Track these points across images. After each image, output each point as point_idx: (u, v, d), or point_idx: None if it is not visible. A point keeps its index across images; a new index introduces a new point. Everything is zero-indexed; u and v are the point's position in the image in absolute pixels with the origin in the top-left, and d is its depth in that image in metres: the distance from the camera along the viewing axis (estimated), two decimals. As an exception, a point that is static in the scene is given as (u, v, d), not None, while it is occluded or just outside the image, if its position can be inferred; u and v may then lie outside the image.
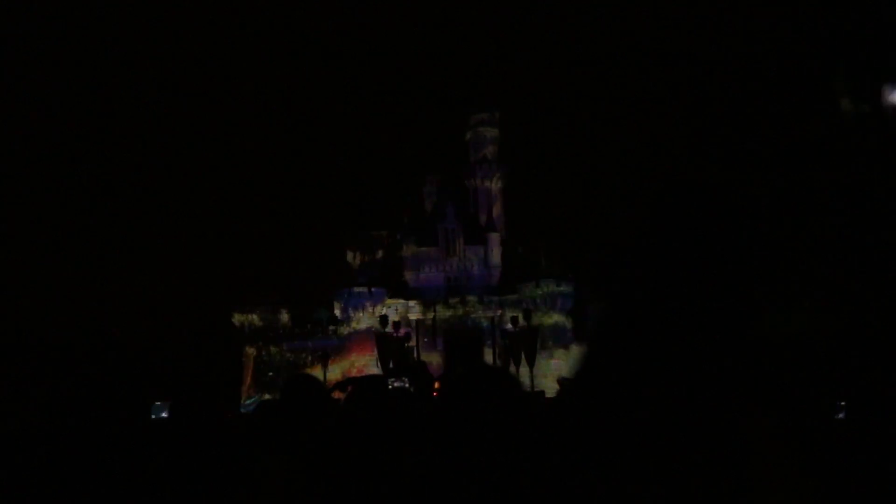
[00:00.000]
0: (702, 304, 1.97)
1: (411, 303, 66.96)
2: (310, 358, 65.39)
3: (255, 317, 66.94)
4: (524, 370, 61.01)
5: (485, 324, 65.42)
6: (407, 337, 64.42)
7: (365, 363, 64.44)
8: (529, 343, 61.14)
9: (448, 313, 65.91)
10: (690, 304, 1.98)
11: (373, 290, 66.23)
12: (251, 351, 66.05)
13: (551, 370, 62.61)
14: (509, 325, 63.56)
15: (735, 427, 1.89)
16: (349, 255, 70.15)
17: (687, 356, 1.93)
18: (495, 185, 72.13)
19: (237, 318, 67.37)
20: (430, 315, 66.13)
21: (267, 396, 59.97)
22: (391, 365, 60.96)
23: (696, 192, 2.13)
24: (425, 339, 65.66)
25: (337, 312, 67.09)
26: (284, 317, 67.37)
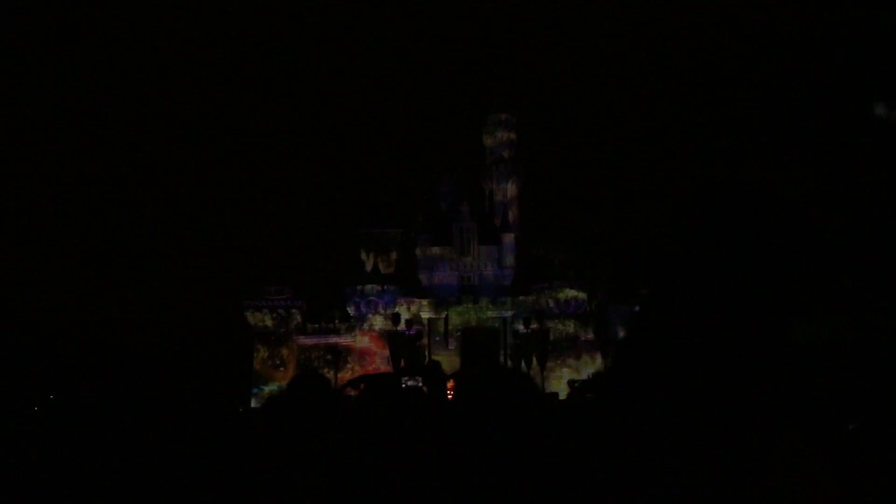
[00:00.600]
0: (733, 310, 1.88)
1: (424, 302, 66.96)
2: (322, 355, 65.55)
3: (267, 314, 67.13)
4: (535, 372, 60.82)
5: (496, 325, 65.29)
6: (419, 336, 64.38)
7: (377, 362, 64.49)
8: (541, 345, 60.96)
9: (460, 318, 65.87)
10: (721, 310, 1.89)
11: (385, 288, 66.25)
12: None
13: (563, 373, 62.41)
14: (521, 327, 63.38)
15: (760, 433, 1.80)
16: (362, 254, 70.19)
17: (716, 362, 1.84)
18: (511, 186, 72.00)
19: (249, 316, 67.58)
20: (443, 314, 66.09)
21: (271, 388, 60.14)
22: (403, 364, 60.98)
23: (727, 199, 2.04)
24: (437, 339, 65.62)
25: (349, 310, 67.17)
26: (296, 314, 67.50)
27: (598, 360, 62.86)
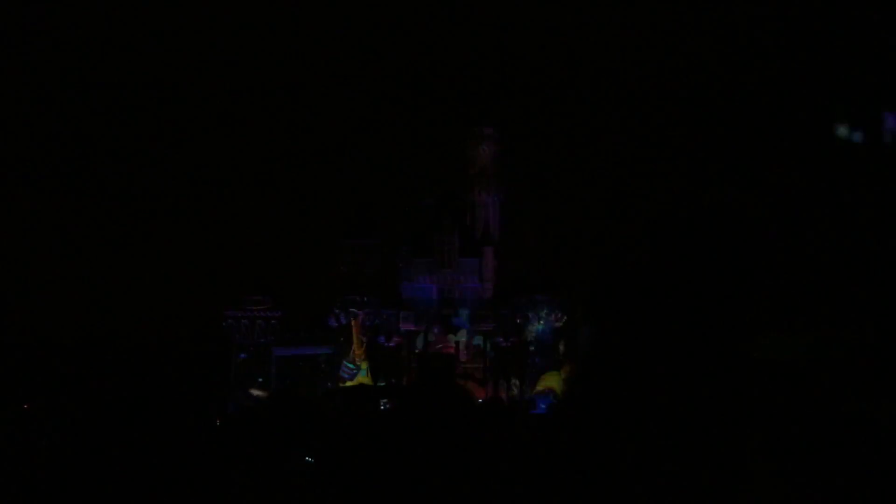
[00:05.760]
0: (693, 325, 1.96)
1: (403, 313, 67.01)
2: (301, 366, 65.32)
3: (247, 321, 66.77)
4: (515, 385, 61.05)
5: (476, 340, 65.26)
6: (398, 347, 64.41)
7: (356, 373, 64.31)
8: (521, 358, 61.14)
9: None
10: (682, 324, 1.97)
11: (366, 299, 66.18)
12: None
13: (542, 386, 62.52)
14: (501, 340, 63.55)
15: (724, 447, 1.88)
16: (343, 263, 69.99)
17: (677, 376, 1.92)
18: (493, 198, 72.24)
19: (228, 326, 67.18)
20: (422, 327, 66.12)
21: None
22: (382, 376, 60.90)
23: (692, 216, 2.12)
24: (416, 350, 65.58)
25: (329, 320, 66.97)
26: (275, 325, 67.19)
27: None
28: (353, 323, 64.49)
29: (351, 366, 63.10)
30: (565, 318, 65.34)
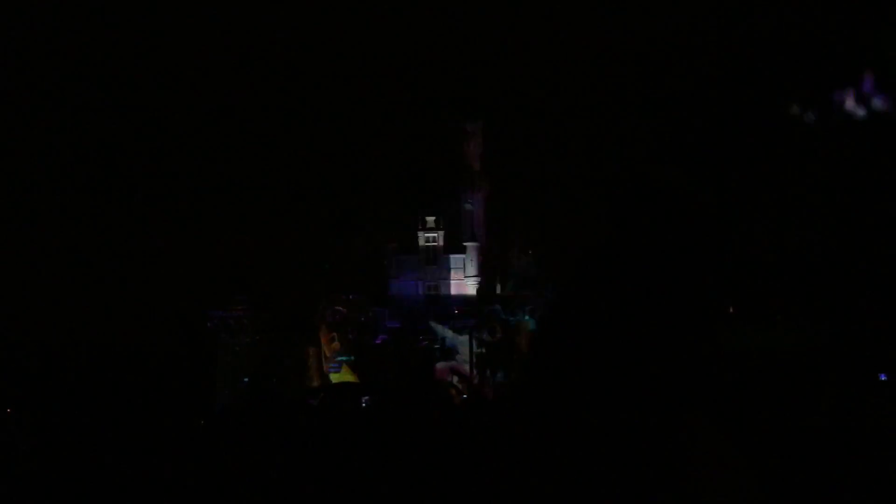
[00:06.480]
0: (669, 316, 2.05)
1: (389, 310, 67.10)
2: (288, 363, 65.29)
3: (232, 321, 66.55)
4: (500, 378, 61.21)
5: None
6: (384, 344, 64.47)
7: (341, 369, 64.30)
8: (506, 353, 61.31)
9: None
10: (658, 316, 2.05)
11: (352, 297, 66.16)
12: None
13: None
14: (486, 336, 63.66)
15: (676, 435, 1.96)
16: (329, 261, 69.84)
17: (628, 362, 2.01)
18: (478, 195, 72.21)
19: (213, 322, 66.95)
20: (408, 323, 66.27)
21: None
22: (367, 372, 60.96)
23: (656, 201, 2.21)
24: (402, 348, 65.62)
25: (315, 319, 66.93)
26: (263, 321, 67.06)
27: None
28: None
29: (343, 358, 63.21)
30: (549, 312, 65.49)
